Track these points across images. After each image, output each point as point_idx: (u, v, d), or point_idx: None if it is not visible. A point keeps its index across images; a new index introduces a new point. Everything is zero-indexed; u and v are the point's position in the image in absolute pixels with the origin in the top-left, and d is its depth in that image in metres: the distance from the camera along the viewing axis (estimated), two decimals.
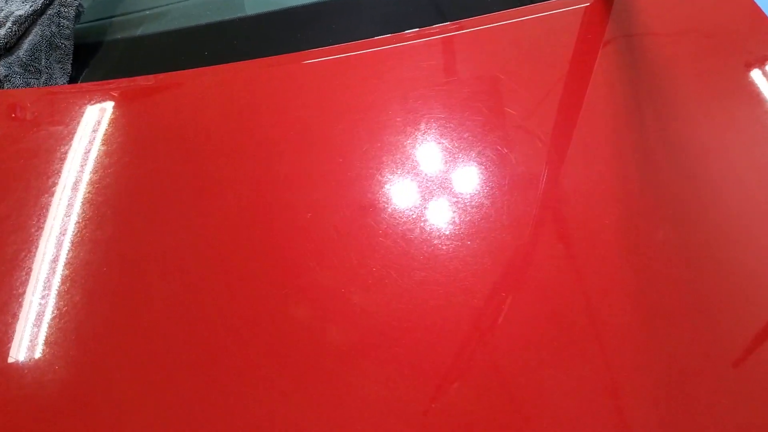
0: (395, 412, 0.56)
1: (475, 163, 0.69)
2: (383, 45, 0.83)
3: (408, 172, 0.70)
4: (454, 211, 0.66)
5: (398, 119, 0.75)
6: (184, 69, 0.89)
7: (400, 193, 0.69)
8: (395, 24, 0.90)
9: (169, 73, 0.88)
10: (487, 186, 0.67)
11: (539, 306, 0.59)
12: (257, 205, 0.71)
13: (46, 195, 0.76)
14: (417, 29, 0.84)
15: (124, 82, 0.88)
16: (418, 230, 0.65)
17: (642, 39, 0.78)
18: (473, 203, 0.66)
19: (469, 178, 0.68)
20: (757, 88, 0.70)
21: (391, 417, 0.55)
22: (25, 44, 0.95)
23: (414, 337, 0.59)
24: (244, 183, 0.73)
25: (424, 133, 0.73)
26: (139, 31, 0.98)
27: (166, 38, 0.96)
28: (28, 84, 0.94)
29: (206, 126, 0.80)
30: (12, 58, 0.95)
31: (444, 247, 0.64)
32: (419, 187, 0.69)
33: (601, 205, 0.65)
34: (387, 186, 0.69)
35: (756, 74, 0.72)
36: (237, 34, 0.94)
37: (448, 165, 0.70)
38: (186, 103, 0.83)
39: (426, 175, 0.70)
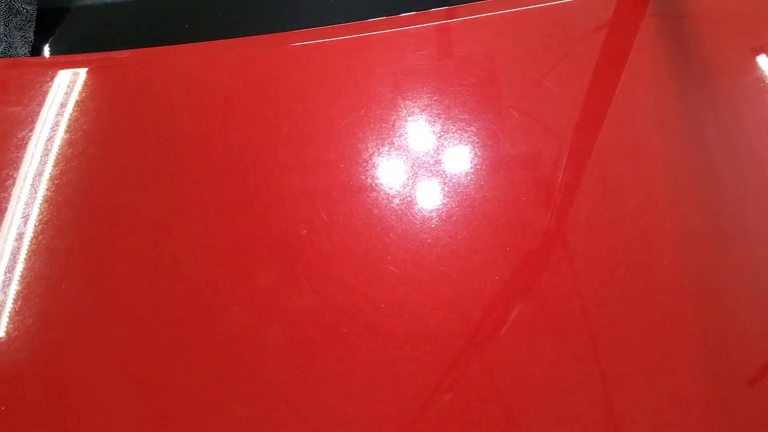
0: (390, 400, 0.53)
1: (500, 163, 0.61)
2: (388, 27, 0.73)
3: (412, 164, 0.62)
4: (464, 205, 0.59)
5: (399, 114, 0.66)
6: (161, 43, 0.79)
7: (395, 178, 0.62)
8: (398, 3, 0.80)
9: (144, 49, 0.77)
10: (510, 190, 0.60)
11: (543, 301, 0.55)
12: (243, 198, 0.63)
13: None
14: (423, 11, 0.75)
15: (94, 57, 0.78)
16: (417, 217, 0.61)
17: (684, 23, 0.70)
18: (491, 205, 0.60)
19: (489, 179, 0.61)
20: None
21: (385, 408, 0.53)
22: None
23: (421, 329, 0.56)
24: (228, 172, 0.65)
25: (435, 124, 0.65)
26: None
27: (143, 7, 0.85)
28: None
29: (185, 111, 0.70)
30: None
31: (445, 237, 0.59)
32: (418, 174, 0.61)
33: (652, 208, 0.60)
34: (381, 170, 0.61)
35: None
36: (222, 5, 0.84)
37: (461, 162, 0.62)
38: (162, 84, 0.73)
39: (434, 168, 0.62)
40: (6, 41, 0.84)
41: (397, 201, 0.61)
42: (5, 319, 0.59)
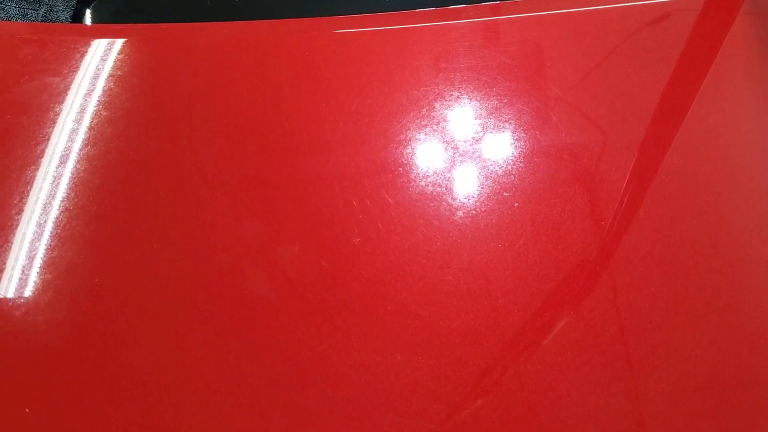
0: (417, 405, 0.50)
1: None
2: (425, 21, 0.67)
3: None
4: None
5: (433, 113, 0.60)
6: (207, 15, 0.74)
7: (446, 185, 0.55)
8: None
9: (185, 24, 0.72)
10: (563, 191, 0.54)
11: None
12: (274, 180, 0.59)
13: (31, 167, 0.63)
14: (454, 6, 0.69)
15: (137, 29, 0.72)
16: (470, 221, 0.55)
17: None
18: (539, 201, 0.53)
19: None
20: None
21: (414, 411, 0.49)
22: None
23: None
24: (258, 153, 0.61)
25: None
26: None
27: None
28: (24, 15, 0.79)
29: (229, 91, 0.65)
30: None
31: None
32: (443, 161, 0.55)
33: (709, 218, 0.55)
34: (433, 177, 0.56)
35: None
36: None
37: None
38: (206, 62, 0.68)
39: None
40: (48, 4, 0.80)
41: (460, 213, 0.56)
42: (32, 308, 0.55)
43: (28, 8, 0.79)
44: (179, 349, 0.53)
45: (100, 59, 0.70)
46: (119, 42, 0.71)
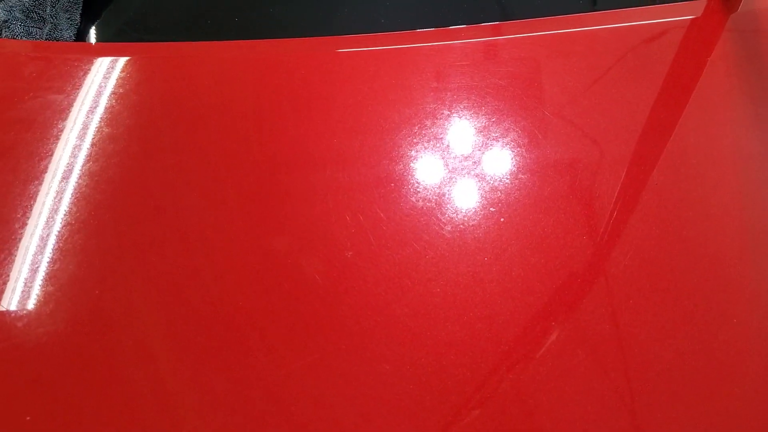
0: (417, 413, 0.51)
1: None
2: (435, 40, 0.69)
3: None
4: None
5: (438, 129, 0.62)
6: (209, 33, 0.77)
7: (442, 200, 0.57)
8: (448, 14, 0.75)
9: (190, 43, 0.75)
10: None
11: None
12: (280, 196, 0.61)
13: (35, 182, 0.65)
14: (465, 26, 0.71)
15: (141, 48, 0.75)
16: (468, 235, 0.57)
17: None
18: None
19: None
20: None
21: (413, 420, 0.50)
22: None
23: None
24: (272, 180, 0.63)
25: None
26: None
27: None
28: (29, 33, 0.81)
29: (231, 111, 0.67)
30: (13, 2, 0.81)
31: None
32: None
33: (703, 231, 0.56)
34: (428, 192, 0.58)
35: None
36: (274, 0, 0.80)
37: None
38: (210, 81, 0.70)
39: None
40: (52, 22, 0.82)
41: (448, 227, 0.58)
42: (33, 322, 0.57)
43: (32, 27, 0.81)
44: (177, 360, 0.55)
45: (104, 77, 0.72)
46: (122, 60, 0.73)
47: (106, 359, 0.55)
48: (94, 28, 0.83)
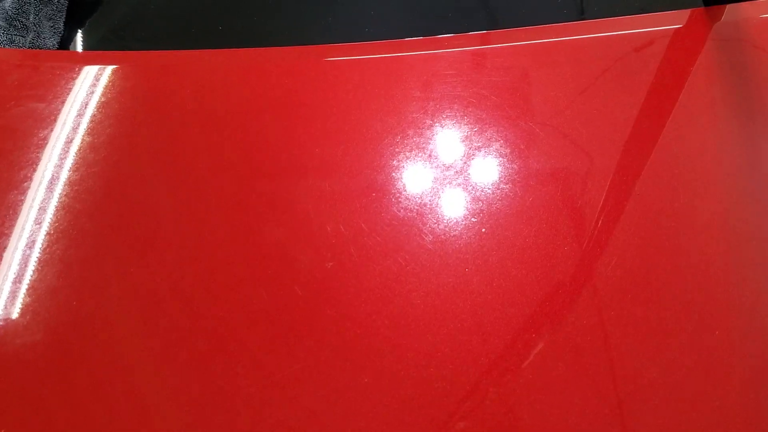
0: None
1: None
2: (424, 48, 0.69)
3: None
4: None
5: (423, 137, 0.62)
6: (194, 42, 0.76)
7: (425, 209, 0.57)
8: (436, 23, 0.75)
9: (176, 51, 0.74)
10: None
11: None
12: (266, 217, 0.60)
13: (14, 192, 0.64)
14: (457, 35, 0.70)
15: (124, 56, 0.74)
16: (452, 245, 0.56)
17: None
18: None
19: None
20: None
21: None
22: None
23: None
24: (254, 188, 0.62)
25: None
26: None
27: (176, 3, 0.82)
28: (11, 41, 0.81)
29: (214, 120, 0.67)
30: None
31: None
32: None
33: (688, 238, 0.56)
34: (412, 200, 0.57)
35: None
36: (259, 7, 0.80)
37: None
38: (192, 90, 0.70)
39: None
40: (35, 30, 0.81)
41: (429, 238, 0.57)
42: (11, 332, 0.56)
43: (15, 34, 0.81)
44: (157, 373, 0.54)
45: (87, 86, 0.71)
46: (106, 69, 0.72)
47: (84, 371, 0.54)
48: (77, 36, 0.83)
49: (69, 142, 0.67)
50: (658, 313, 0.53)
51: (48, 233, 0.61)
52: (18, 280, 0.59)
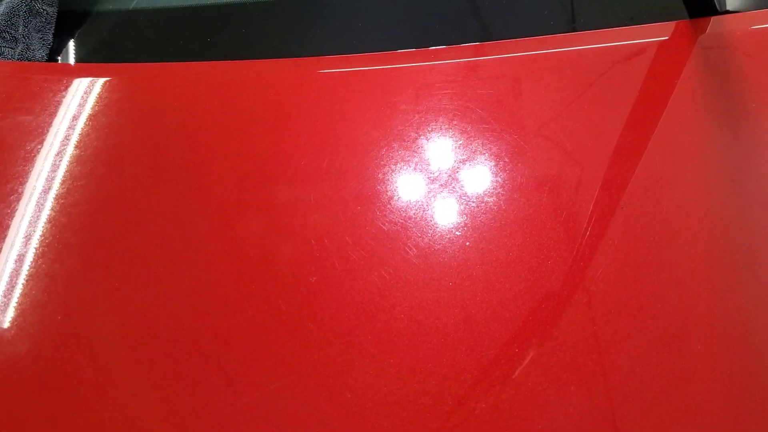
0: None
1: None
2: (415, 61, 0.69)
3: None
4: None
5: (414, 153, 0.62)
6: (182, 55, 0.76)
7: (413, 223, 0.57)
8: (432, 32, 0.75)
9: (164, 63, 0.74)
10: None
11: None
12: (255, 229, 0.60)
13: (1, 205, 0.64)
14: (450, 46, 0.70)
15: (111, 67, 0.74)
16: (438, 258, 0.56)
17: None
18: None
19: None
20: None
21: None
22: (2, 7, 0.81)
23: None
24: (243, 200, 0.62)
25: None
26: (134, 4, 0.84)
27: (165, 15, 0.82)
28: (1, 53, 0.81)
29: (202, 133, 0.67)
30: None
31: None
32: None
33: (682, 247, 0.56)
34: (400, 214, 0.57)
35: None
36: (248, 20, 0.80)
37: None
38: (181, 102, 0.70)
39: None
40: (24, 42, 0.81)
41: (413, 251, 0.57)
42: None
43: (4, 47, 0.81)
44: (142, 388, 0.54)
45: (76, 98, 0.71)
46: (96, 81, 0.72)
47: (70, 385, 0.54)
48: (67, 48, 0.83)
49: (57, 155, 0.67)
50: (645, 324, 0.53)
51: (34, 247, 0.61)
52: (2, 294, 0.58)
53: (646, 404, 0.50)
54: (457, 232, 0.57)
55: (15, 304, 0.58)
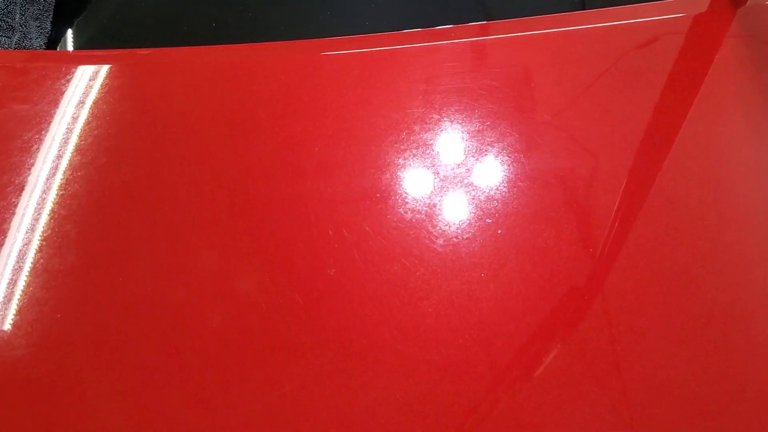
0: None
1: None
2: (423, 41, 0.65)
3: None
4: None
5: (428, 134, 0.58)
6: (185, 39, 0.73)
7: (430, 210, 0.53)
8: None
9: (165, 48, 0.70)
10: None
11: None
12: (264, 218, 0.56)
13: None
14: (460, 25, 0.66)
15: (111, 54, 0.71)
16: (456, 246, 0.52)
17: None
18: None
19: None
20: None
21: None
22: None
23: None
24: (250, 188, 0.58)
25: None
26: None
27: (167, 1, 0.79)
28: None
29: (206, 119, 0.63)
30: None
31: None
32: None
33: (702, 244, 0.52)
34: (415, 203, 0.53)
35: None
36: (253, 3, 0.76)
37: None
38: (183, 88, 0.66)
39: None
40: (21, 31, 0.78)
41: (440, 241, 0.53)
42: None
43: (1, 35, 0.77)
44: (144, 390, 0.50)
45: (75, 86, 0.68)
46: (95, 68, 0.69)
47: (67, 387, 0.51)
48: (65, 36, 0.79)
49: (55, 144, 0.63)
50: (677, 318, 0.49)
51: (32, 240, 0.57)
52: (1, 289, 0.55)
53: (673, 407, 0.47)
54: (487, 220, 0.53)
55: (12, 300, 0.54)
